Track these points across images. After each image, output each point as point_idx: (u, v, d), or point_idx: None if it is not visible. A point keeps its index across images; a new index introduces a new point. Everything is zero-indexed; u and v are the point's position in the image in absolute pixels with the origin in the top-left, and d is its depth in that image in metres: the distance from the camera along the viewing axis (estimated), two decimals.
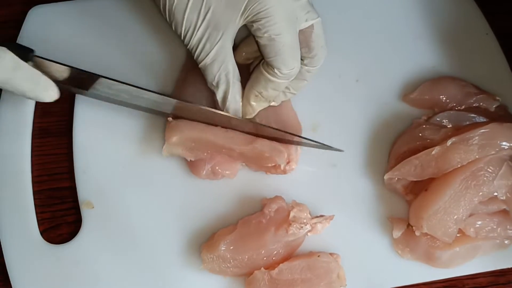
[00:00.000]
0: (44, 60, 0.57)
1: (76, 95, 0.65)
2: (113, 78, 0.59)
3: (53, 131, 0.66)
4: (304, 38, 0.59)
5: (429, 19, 0.70)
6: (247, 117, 0.61)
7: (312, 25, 0.59)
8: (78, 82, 0.59)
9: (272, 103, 0.62)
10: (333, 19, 0.69)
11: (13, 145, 0.63)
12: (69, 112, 0.65)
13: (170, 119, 0.61)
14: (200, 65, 0.58)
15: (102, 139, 0.64)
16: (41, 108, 0.66)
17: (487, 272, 0.61)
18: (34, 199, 0.62)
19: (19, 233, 0.60)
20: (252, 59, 0.64)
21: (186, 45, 0.58)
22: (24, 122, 0.64)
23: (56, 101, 0.65)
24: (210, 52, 0.57)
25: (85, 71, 0.59)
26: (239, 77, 0.60)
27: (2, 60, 0.54)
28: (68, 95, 0.66)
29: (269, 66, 0.57)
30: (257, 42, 0.57)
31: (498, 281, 0.62)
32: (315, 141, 0.62)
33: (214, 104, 0.61)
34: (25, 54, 0.56)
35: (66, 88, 0.58)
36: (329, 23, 0.68)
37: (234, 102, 0.60)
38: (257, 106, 0.61)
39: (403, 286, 0.60)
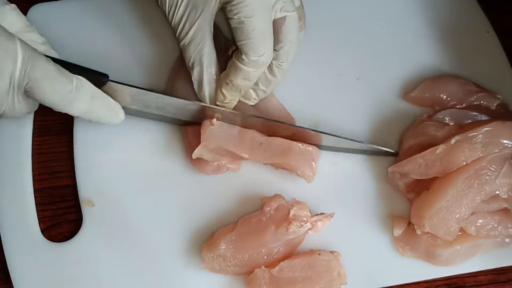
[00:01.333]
0: (116, 84, 0.57)
1: None
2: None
3: (54, 129, 0.66)
4: (274, 29, 0.58)
5: (430, 17, 0.70)
6: (218, 103, 0.61)
7: (285, 17, 0.58)
8: (142, 102, 0.60)
9: (248, 102, 0.62)
10: (333, 17, 0.69)
11: (14, 143, 0.63)
12: None
13: (214, 120, 0.60)
14: (180, 45, 0.59)
15: (103, 137, 0.63)
16: (41, 106, 0.65)
17: (487, 270, 0.61)
18: (35, 197, 0.62)
19: (20, 231, 0.60)
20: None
21: (171, 24, 0.59)
22: (24, 120, 0.64)
23: None
24: (189, 31, 0.58)
25: (151, 90, 0.59)
26: (216, 63, 0.60)
27: (81, 91, 0.54)
28: None
29: (239, 53, 0.57)
30: (229, 25, 0.58)
31: (498, 279, 0.62)
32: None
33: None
34: (100, 79, 0.56)
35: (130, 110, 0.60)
36: (329, 21, 0.69)
37: (208, 87, 0.60)
38: (228, 94, 0.60)
39: (404, 284, 0.60)
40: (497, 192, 0.58)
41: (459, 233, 0.58)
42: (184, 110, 0.61)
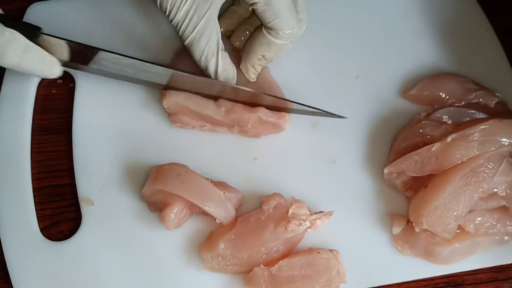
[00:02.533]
0: (51, 37, 0.58)
1: (76, 90, 0.65)
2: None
3: (52, 128, 0.66)
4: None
5: (429, 16, 0.70)
6: (251, 81, 0.63)
7: None
8: (81, 56, 0.59)
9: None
10: (332, 16, 0.69)
11: (13, 142, 0.63)
12: (69, 109, 0.65)
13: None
14: (186, 42, 0.58)
15: (102, 136, 0.64)
16: (40, 105, 0.66)
17: (486, 268, 0.61)
18: (34, 196, 0.62)
19: (19, 230, 0.60)
20: (231, 32, 0.65)
21: (171, 21, 0.58)
22: (23, 119, 0.64)
23: (55, 98, 0.66)
24: (197, 24, 0.57)
25: (88, 45, 0.59)
26: (223, 46, 0.60)
27: (13, 44, 0.54)
28: (68, 92, 0.66)
29: (270, 30, 0.59)
30: (253, 10, 0.58)
31: (497, 277, 0.62)
32: (316, 108, 0.62)
33: None
34: (33, 32, 0.57)
35: (69, 64, 0.60)
36: (329, 19, 0.69)
37: (226, 72, 0.61)
38: (258, 69, 0.62)
39: (403, 282, 0.60)
40: (495, 190, 0.58)
41: (457, 231, 0.58)
42: (143, 71, 0.61)
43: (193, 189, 0.57)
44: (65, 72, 0.66)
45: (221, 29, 0.61)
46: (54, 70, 0.58)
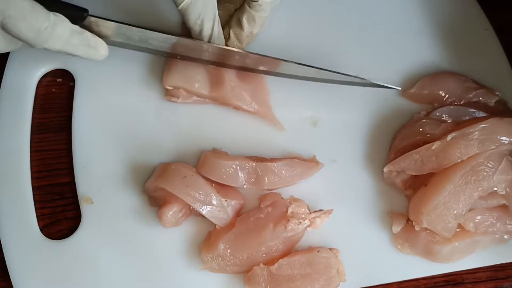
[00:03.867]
0: (98, 19, 0.58)
1: (76, 89, 0.65)
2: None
3: (52, 127, 0.66)
4: None
5: (428, 14, 0.70)
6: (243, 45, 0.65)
7: None
8: (125, 35, 0.61)
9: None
10: (332, 15, 0.69)
11: (12, 141, 0.63)
12: (68, 108, 0.65)
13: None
14: (181, 6, 0.58)
15: (102, 134, 0.63)
16: (40, 104, 0.66)
17: (486, 266, 0.61)
18: (34, 195, 0.62)
19: (19, 229, 0.60)
20: None
21: None
22: (23, 118, 0.64)
23: (55, 97, 0.66)
24: None
25: (132, 24, 0.60)
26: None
27: (58, 28, 0.54)
28: (68, 90, 0.66)
29: (253, 2, 0.60)
30: None
31: (497, 276, 0.62)
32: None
33: None
34: (80, 14, 0.57)
35: (115, 43, 0.61)
36: (329, 18, 0.69)
37: (219, 40, 0.61)
38: (248, 42, 0.64)
39: (403, 281, 0.60)
40: (495, 188, 0.58)
41: (457, 230, 0.58)
42: (169, 44, 0.61)
43: (195, 194, 0.57)
44: (65, 71, 0.67)
45: None
46: (101, 52, 0.58)
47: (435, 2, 0.70)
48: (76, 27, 0.56)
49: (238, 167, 0.59)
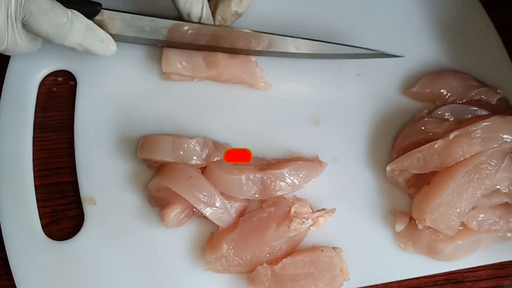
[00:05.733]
0: (111, 12, 0.61)
1: (77, 88, 0.65)
2: None
3: (53, 126, 0.65)
4: None
5: (430, 13, 0.70)
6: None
7: None
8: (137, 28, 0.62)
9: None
10: (333, 13, 0.69)
11: (14, 139, 0.63)
12: (69, 107, 0.65)
13: None
14: None
15: (104, 133, 0.63)
16: (42, 103, 0.66)
17: (487, 265, 0.61)
18: (36, 193, 0.62)
19: (21, 228, 0.60)
20: None
21: None
22: (25, 116, 0.64)
23: (56, 96, 0.66)
24: None
25: (144, 14, 0.62)
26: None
27: (75, 25, 0.57)
28: (69, 89, 0.66)
29: None
30: None
31: (498, 274, 0.62)
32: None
33: None
34: (94, 8, 0.59)
35: (122, 38, 0.63)
36: (330, 16, 0.69)
37: (207, 19, 0.63)
38: (232, 20, 0.66)
39: (406, 279, 0.60)
40: (498, 186, 0.58)
41: (460, 228, 0.58)
42: (178, 32, 0.63)
43: (199, 196, 0.57)
44: (65, 70, 0.66)
45: None
46: (112, 47, 0.61)
47: (436, 1, 0.70)
48: (91, 23, 0.59)
49: (243, 180, 0.59)
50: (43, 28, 0.55)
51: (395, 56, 0.65)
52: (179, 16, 0.63)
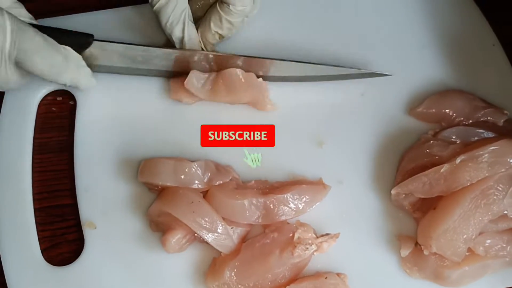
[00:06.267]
0: (104, 43, 0.61)
1: (77, 108, 0.65)
2: None
3: (52, 147, 0.65)
4: None
5: (435, 30, 0.69)
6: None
7: None
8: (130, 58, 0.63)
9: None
10: (337, 32, 0.68)
11: (13, 161, 0.62)
12: (69, 127, 0.65)
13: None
14: (155, 8, 0.61)
15: (105, 155, 0.63)
16: (40, 124, 0.65)
17: None
18: (35, 217, 0.61)
19: (20, 253, 0.59)
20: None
21: None
22: (24, 137, 0.63)
23: (56, 116, 0.65)
24: None
25: (141, 44, 0.62)
26: (192, 18, 0.63)
27: (70, 62, 0.57)
28: (68, 109, 0.65)
29: (224, 4, 0.61)
30: None
31: None
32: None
33: None
34: (86, 40, 0.60)
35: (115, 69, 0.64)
36: (333, 35, 0.68)
37: (190, 41, 0.63)
38: (214, 41, 0.65)
39: None
40: (505, 212, 0.57)
41: (467, 254, 0.57)
42: (171, 60, 0.63)
43: (201, 221, 0.56)
44: (65, 90, 0.65)
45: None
46: (93, 80, 0.61)
47: (441, 18, 0.70)
48: (80, 58, 0.59)
49: (246, 205, 0.58)
50: (37, 67, 0.54)
51: (385, 75, 0.65)
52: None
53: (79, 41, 0.59)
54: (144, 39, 0.67)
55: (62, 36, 0.57)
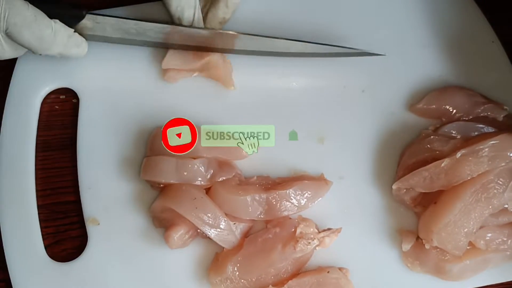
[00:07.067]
0: (97, 16, 0.61)
1: (80, 106, 0.65)
2: None
3: (56, 145, 0.65)
4: None
5: (435, 28, 0.69)
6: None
7: None
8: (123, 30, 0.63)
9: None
10: (338, 30, 0.68)
11: (17, 158, 0.62)
12: (72, 125, 0.65)
13: None
14: None
15: (108, 153, 0.63)
16: (44, 121, 0.65)
17: (495, 284, 0.60)
18: (38, 213, 0.61)
19: (24, 249, 0.59)
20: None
21: None
22: (27, 135, 0.63)
23: (59, 114, 0.65)
24: None
25: (132, 18, 0.62)
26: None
27: (59, 35, 0.58)
28: (71, 107, 0.66)
29: None
30: None
31: None
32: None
33: None
34: (79, 13, 0.60)
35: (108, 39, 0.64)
36: (334, 33, 0.68)
37: (198, 23, 0.63)
38: (219, 26, 0.65)
39: None
40: (506, 205, 0.57)
41: (468, 248, 0.58)
42: (164, 34, 0.63)
43: (204, 217, 0.56)
44: (68, 88, 0.66)
45: None
46: (85, 50, 0.62)
47: (442, 16, 0.70)
48: (71, 31, 0.59)
49: (249, 201, 0.58)
50: (26, 40, 0.55)
51: (378, 54, 0.65)
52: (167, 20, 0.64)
53: (71, 14, 0.59)
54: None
55: (55, 9, 0.57)
